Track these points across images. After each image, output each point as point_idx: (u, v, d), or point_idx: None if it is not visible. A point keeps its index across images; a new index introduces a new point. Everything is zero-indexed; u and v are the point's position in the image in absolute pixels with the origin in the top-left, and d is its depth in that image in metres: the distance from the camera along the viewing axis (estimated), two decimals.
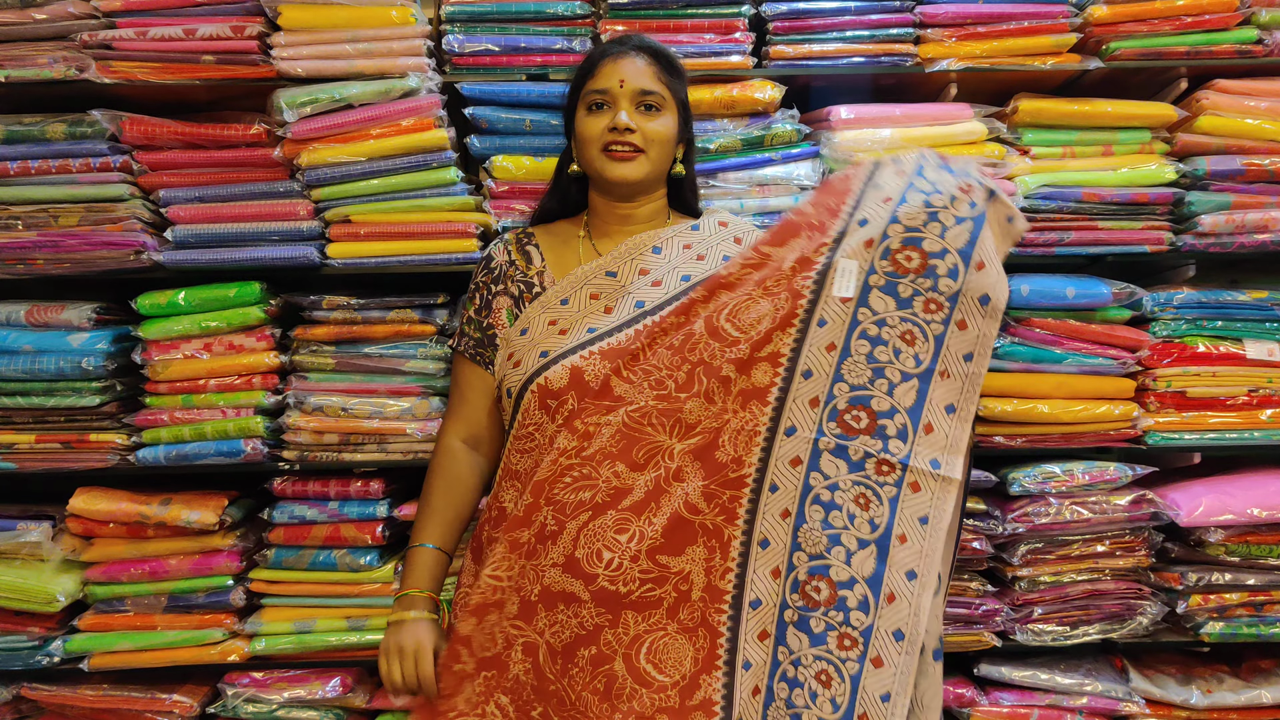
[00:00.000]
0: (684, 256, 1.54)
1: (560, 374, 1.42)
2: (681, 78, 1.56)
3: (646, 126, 1.49)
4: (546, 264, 1.56)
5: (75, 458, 2.02)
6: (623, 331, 1.44)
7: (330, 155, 1.96)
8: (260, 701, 2.07)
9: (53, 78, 1.93)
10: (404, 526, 2.11)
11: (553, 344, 1.46)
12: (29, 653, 2.02)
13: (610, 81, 1.49)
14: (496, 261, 1.57)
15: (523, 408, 1.46)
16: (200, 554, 2.03)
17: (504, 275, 1.56)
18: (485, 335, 1.54)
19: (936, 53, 2.06)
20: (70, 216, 1.98)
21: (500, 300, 1.54)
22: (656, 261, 1.53)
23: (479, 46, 2.04)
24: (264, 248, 2.00)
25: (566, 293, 1.51)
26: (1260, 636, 2.05)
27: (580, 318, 1.48)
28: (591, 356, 1.42)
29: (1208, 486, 2.04)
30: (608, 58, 1.51)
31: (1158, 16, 2.04)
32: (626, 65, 1.49)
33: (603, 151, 1.49)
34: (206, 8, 1.95)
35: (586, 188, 1.62)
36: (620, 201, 1.57)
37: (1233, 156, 2.05)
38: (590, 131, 1.50)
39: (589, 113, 1.51)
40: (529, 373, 1.45)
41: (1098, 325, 2.05)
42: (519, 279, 1.55)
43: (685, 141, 1.62)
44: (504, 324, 1.53)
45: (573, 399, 1.41)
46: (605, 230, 1.60)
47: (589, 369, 1.41)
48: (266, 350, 2.03)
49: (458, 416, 1.56)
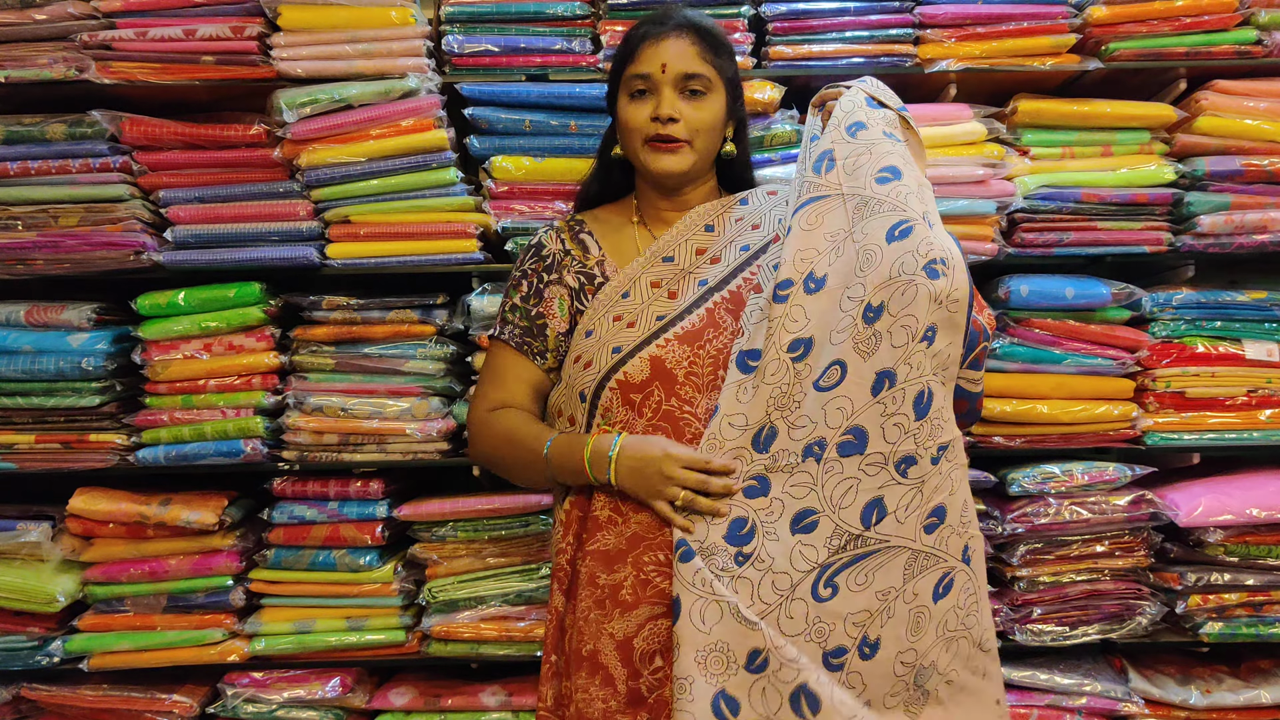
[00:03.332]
0: (738, 229, 1.48)
1: (640, 366, 1.37)
2: (730, 54, 1.46)
3: (691, 115, 1.40)
4: (605, 253, 1.49)
5: (75, 458, 2.02)
6: (693, 313, 1.40)
7: (330, 156, 1.96)
8: (260, 702, 2.07)
9: (53, 78, 1.94)
10: (404, 527, 2.11)
11: (624, 339, 1.40)
12: (29, 653, 2.03)
13: (652, 66, 1.39)
14: (549, 250, 1.49)
15: (601, 407, 1.39)
16: (200, 554, 2.03)
17: (558, 264, 1.47)
18: (534, 324, 1.46)
19: (936, 53, 2.06)
20: (70, 217, 1.98)
21: (553, 290, 1.47)
22: (711, 239, 1.48)
23: (479, 47, 2.04)
24: (264, 248, 2.00)
25: (625, 286, 1.44)
26: (1259, 637, 2.05)
27: (645, 308, 1.42)
28: (669, 344, 1.37)
29: (1207, 487, 2.04)
30: (649, 40, 1.40)
31: (1157, 17, 2.04)
32: (669, 47, 1.39)
33: (646, 143, 1.41)
34: (206, 8, 1.95)
35: (631, 170, 1.55)
36: (668, 190, 1.50)
37: (1232, 157, 2.05)
38: (633, 120, 1.41)
39: (631, 100, 1.42)
40: (603, 370, 1.39)
41: (1097, 325, 2.05)
42: (576, 269, 1.47)
43: (737, 120, 1.52)
44: (555, 314, 1.46)
45: (659, 390, 1.36)
46: (657, 215, 1.52)
47: (669, 357, 1.36)
48: (266, 350, 2.04)
49: (490, 395, 1.47)
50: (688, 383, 1.36)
